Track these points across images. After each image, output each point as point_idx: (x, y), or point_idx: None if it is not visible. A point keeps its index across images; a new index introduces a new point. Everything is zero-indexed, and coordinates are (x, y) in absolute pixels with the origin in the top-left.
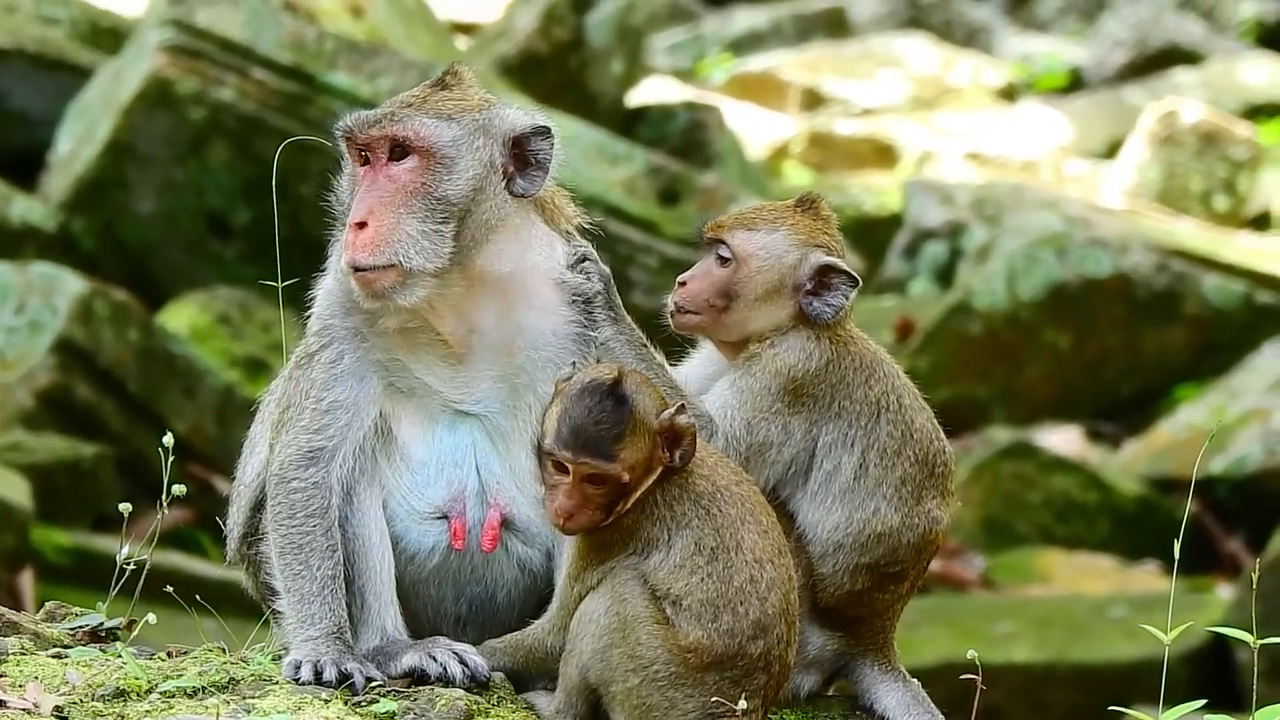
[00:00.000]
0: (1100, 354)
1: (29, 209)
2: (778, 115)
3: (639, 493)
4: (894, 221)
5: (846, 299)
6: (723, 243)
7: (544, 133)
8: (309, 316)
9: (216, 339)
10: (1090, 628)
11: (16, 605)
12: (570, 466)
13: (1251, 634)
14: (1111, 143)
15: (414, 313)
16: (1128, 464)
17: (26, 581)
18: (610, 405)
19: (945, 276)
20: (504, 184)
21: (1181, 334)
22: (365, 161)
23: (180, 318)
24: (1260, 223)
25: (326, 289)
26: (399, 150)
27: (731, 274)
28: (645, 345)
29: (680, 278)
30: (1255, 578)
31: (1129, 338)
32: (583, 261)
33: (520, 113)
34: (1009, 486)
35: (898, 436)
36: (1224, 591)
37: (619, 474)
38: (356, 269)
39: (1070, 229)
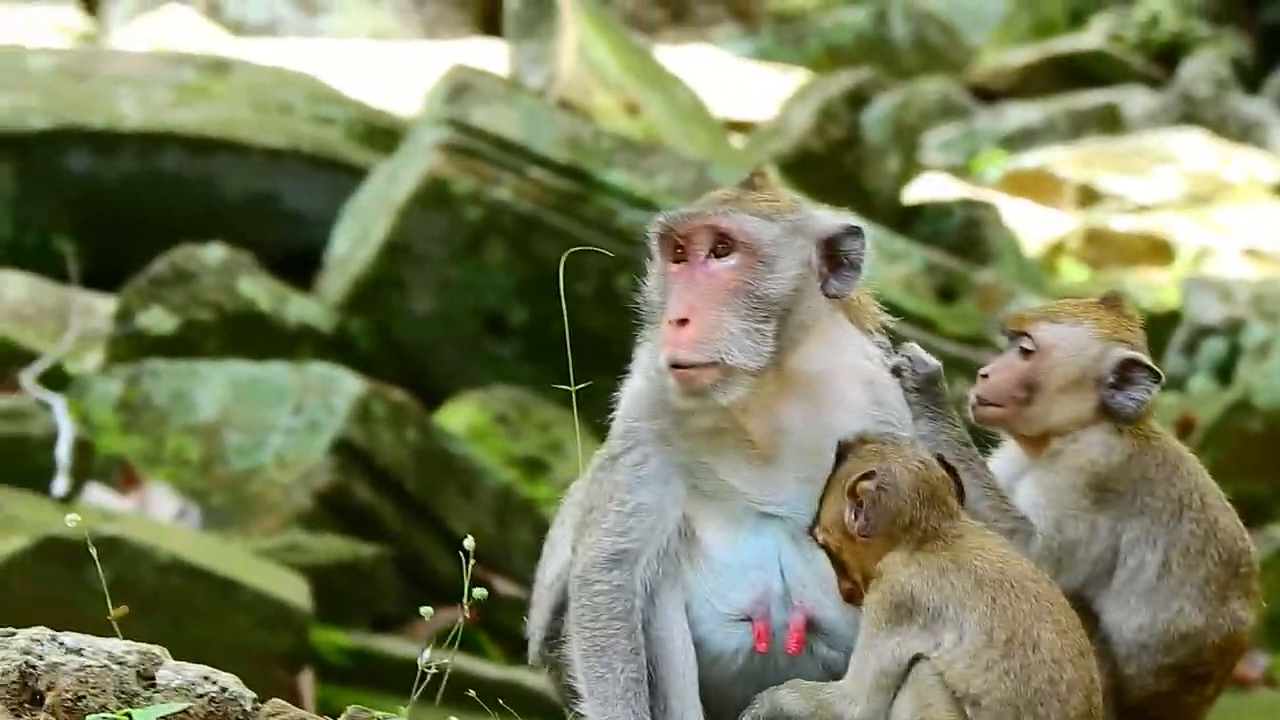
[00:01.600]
0: None
1: (305, 309)
2: (1053, 212)
3: (858, 555)
4: (1172, 318)
5: (1149, 394)
6: (1026, 335)
7: (855, 233)
8: (612, 419)
9: (494, 439)
10: None
11: (297, 707)
12: None
13: None
14: None
15: (725, 413)
16: None
17: (307, 682)
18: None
19: (1225, 373)
20: (819, 285)
21: None
22: (678, 259)
23: (458, 417)
24: None
25: (633, 391)
26: (721, 247)
27: (1034, 366)
28: (967, 444)
29: (982, 370)
30: None
31: None
32: (903, 360)
33: (831, 214)
34: None
35: (1200, 535)
36: None
37: (816, 532)
38: (676, 366)
39: None
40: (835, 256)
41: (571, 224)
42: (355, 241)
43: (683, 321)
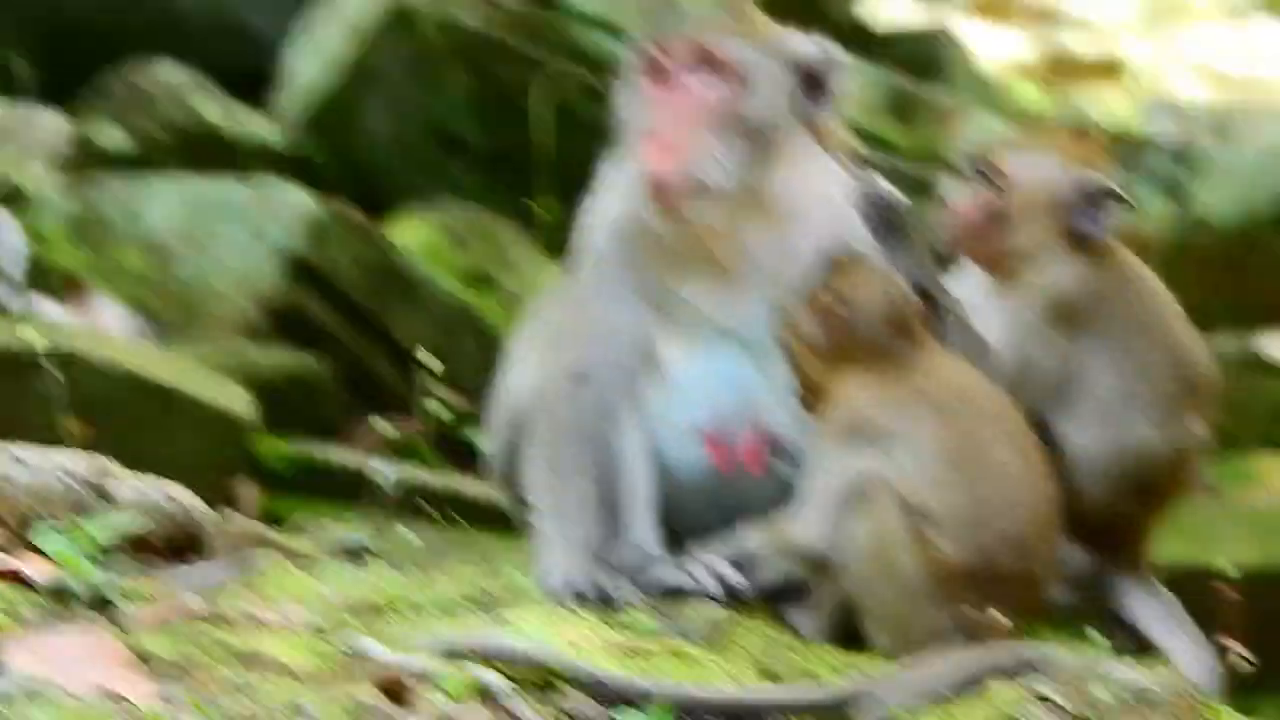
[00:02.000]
0: None
1: (261, 127)
2: (1009, 32)
3: (816, 370)
4: (1127, 138)
5: (1115, 219)
6: (993, 165)
7: (832, 60)
8: (573, 238)
9: (445, 254)
10: None
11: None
12: None
13: None
14: None
15: (693, 232)
16: None
17: (250, 492)
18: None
19: (1178, 193)
20: (791, 109)
21: None
22: (658, 79)
23: (409, 234)
24: None
25: (598, 209)
26: (703, 66)
27: (1002, 196)
28: (932, 273)
29: (950, 200)
30: None
31: None
32: (867, 195)
33: (808, 41)
34: (1233, 394)
35: (1159, 355)
36: None
37: (781, 336)
38: (652, 181)
39: None
40: (812, 82)
41: (535, 49)
42: (312, 61)
43: (661, 139)
